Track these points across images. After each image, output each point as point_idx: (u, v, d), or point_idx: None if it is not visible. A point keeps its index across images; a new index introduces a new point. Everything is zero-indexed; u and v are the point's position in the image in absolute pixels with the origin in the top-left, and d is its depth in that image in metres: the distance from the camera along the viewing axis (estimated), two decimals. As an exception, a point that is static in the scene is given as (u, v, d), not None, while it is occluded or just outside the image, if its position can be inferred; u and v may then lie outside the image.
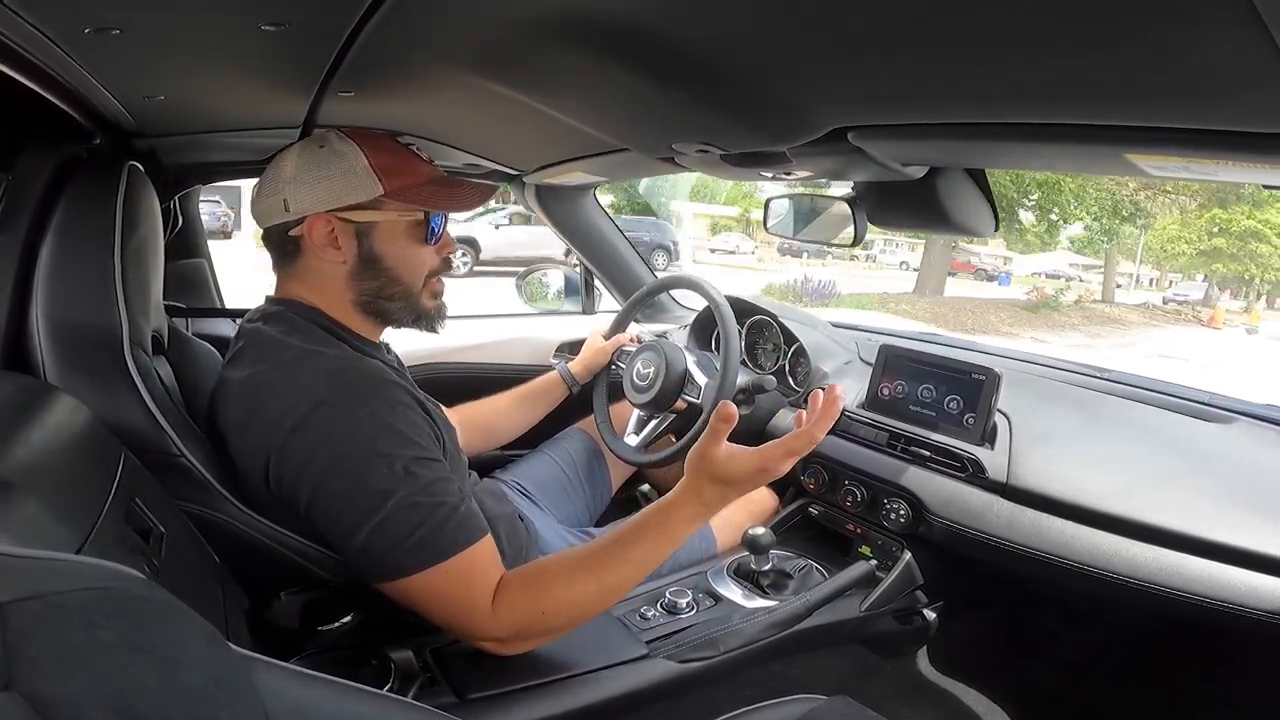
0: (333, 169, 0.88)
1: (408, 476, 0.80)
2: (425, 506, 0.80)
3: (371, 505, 0.79)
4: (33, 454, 0.61)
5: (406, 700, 0.60)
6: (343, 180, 0.88)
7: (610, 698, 0.90)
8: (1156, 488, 1.01)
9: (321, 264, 0.91)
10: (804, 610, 1.09)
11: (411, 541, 0.79)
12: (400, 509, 0.79)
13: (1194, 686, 1.22)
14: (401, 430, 0.83)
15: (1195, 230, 15.38)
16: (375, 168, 0.89)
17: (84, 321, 0.82)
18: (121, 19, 0.62)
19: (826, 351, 1.50)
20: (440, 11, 0.66)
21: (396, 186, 0.90)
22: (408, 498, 0.79)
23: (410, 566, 0.79)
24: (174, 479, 0.81)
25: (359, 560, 0.81)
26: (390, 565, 0.80)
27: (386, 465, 0.80)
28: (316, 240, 0.89)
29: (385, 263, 0.92)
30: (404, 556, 0.79)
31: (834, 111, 0.79)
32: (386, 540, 0.79)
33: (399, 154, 0.93)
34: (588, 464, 1.46)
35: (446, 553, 0.80)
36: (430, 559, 0.80)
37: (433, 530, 0.80)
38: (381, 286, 0.93)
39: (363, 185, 0.88)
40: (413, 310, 0.97)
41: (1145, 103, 0.57)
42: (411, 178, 0.92)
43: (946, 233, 1.07)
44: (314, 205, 0.89)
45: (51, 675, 0.30)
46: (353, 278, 0.92)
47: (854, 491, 1.26)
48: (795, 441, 0.84)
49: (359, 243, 0.91)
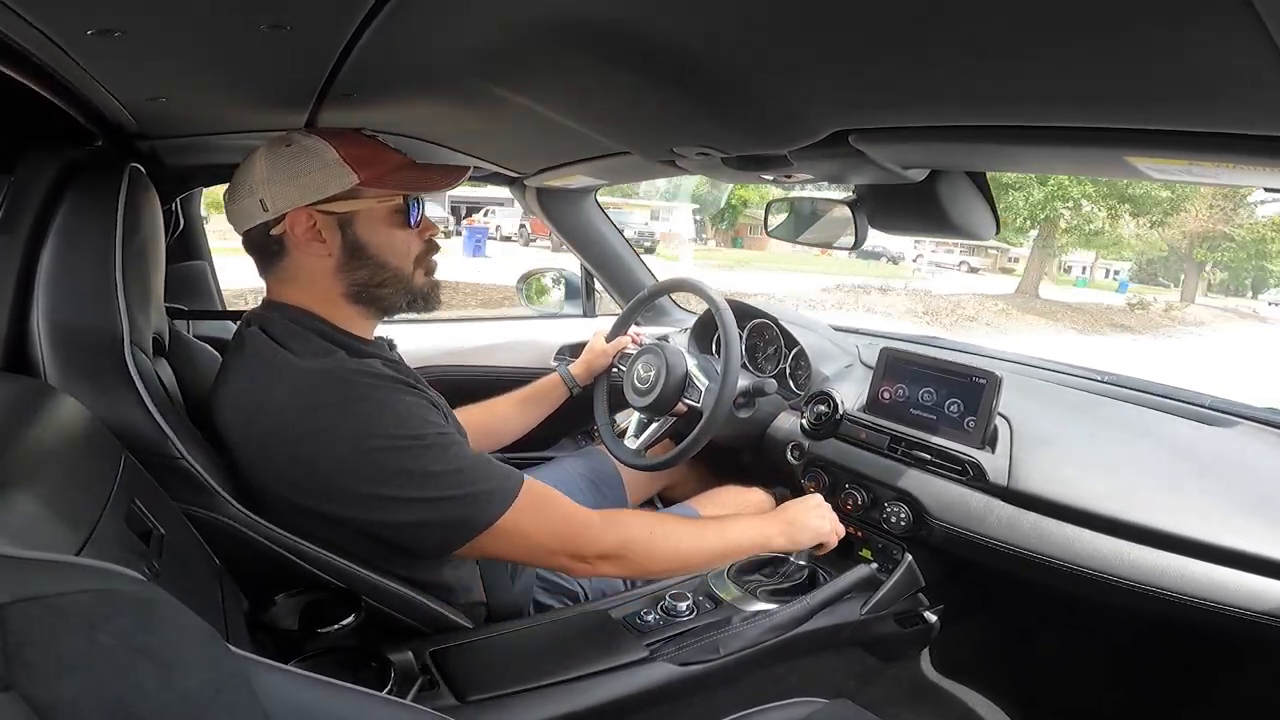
0: (306, 164, 0.89)
1: (438, 448, 0.84)
2: (468, 467, 0.85)
3: (417, 485, 0.82)
4: (33, 455, 0.61)
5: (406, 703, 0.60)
6: (318, 173, 0.89)
7: (610, 700, 0.90)
8: (1158, 491, 1.00)
9: (307, 259, 0.91)
10: (805, 613, 1.09)
11: (476, 496, 0.84)
12: (446, 476, 0.83)
13: (1195, 689, 1.21)
14: (413, 412, 0.85)
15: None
16: (347, 158, 0.89)
17: (85, 323, 0.83)
18: (123, 21, 0.62)
19: (827, 354, 1.50)
20: (441, 15, 0.66)
21: (371, 174, 0.91)
22: (448, 466, 0.84)
23: (484, 520, 0.84)
24: (174, 481, 0.81)
25: (429, 538, 0.86)
26: (463, 528, 0.84)
27: (414, 447, 0.83)
28: (300, 235, 0.90)
29: (371, 250, 0.92)
30: (477, 513, 0.84)
31: (835, 115, 0.79)
32: (452, 507, 0.84)
33: (366, 144, 0.94)
34: (599, 473, 1.45)
35: (513, 491, 0.86)
36: (504, 503, 0.85)
37: (486, 481, 0.85)
38: (371, 274, 0.93)
39: (338, 176, 0.89)
40: (407, 292, 0.97)
41: (1146, 105, 0.57)
42: (384, 165, 0.93)
43: (947, 236, 1.07)
44: (293, 201, 0.89)
45: (51, 677, 0.30)
46: (341, 269, 0.92)
47: (855, 495, 1.25)
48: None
49: (342, 233, 0.91)
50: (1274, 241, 16.19)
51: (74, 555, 0.55)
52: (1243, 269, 18.43)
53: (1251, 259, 17.27)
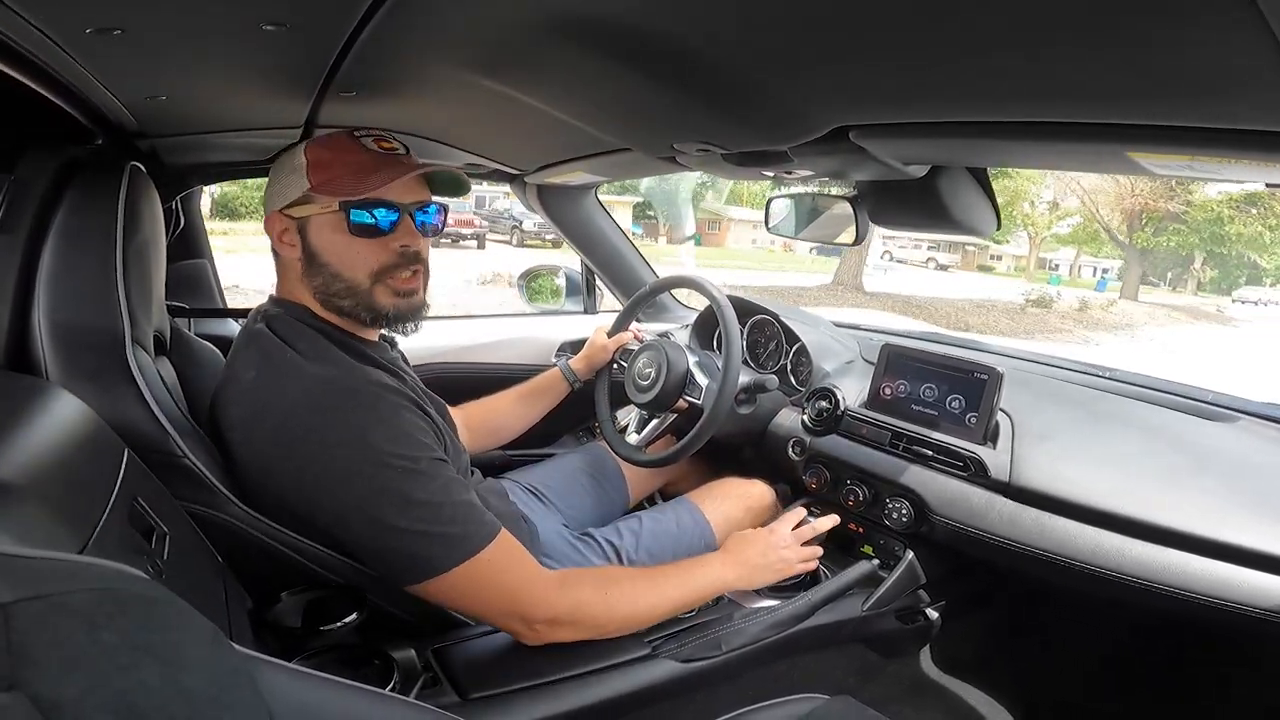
0: (281, 169, 0.92)
1: (425, 477, 0.82)
2: (448, 504, 0.83)
3: (394, 509, 0.80)
4: (35, 454, 0.61)
5: (409, 700, 0.60)
6: (286, 178, 0.91)
7: (613, 697, 0.90)
8: (1159, 487, 1.00)
9: (287, 260, 0.93)
10: (806, 610, 1.09)
11: (446, 537, 0.82)
12: (425, 508, 0.81)
13: (1197, 685, 1.21)
14: (409, 433, 0.84)
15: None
16: (310, 162, 0.89)
17: (86, 322, 0.83)
18: (123, 19, 0.62)
19: (828, 351, 1.50)
20: (441, 12, 0.66)
21: (320, 179, 0.89)
22: (430, 497, 0.82)
23: (446, 563, 0.82)
24: (176, 479, 0.82)
25: (390, 563, 0.83)
26: (425, 565, 0.82)
27: (402, 469, 0.81)
28: (275, 238, 0.93)
29: (323, 258, 0.91)
30: (441, 554, 0.82)
31: (835, 111, 0.79)
32: (419, 541, 0.81)
33: (336, 146, 0.91)
34: (601, 469, 1.46)
35: (483, 541, 0.84)
36: (468, 550, 0.82)
37: (462, 524, 0.83)
38: (326, 283, 0.91)
39: (296, 181, 0.90)
40: (368, 309, 0.92)
41: (1148, 101, 0.57)
42: (335, 169, 0.88)
43: (948, 232, 1.07)
44: (271, 205, 0.93)
45: (55, 676, 0.30)
46: (304, 275, 0.93)
47: (856, 491, 1.25)
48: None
49: (302, 239, 0.92)
50: (1232, 222, 13.91)
51: (77, 554, 0.55)
52: (1231, 266, 16.63)
53: (1206, 243, 15.10)
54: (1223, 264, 17.10)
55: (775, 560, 1.11)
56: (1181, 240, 15.07)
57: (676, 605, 0.99)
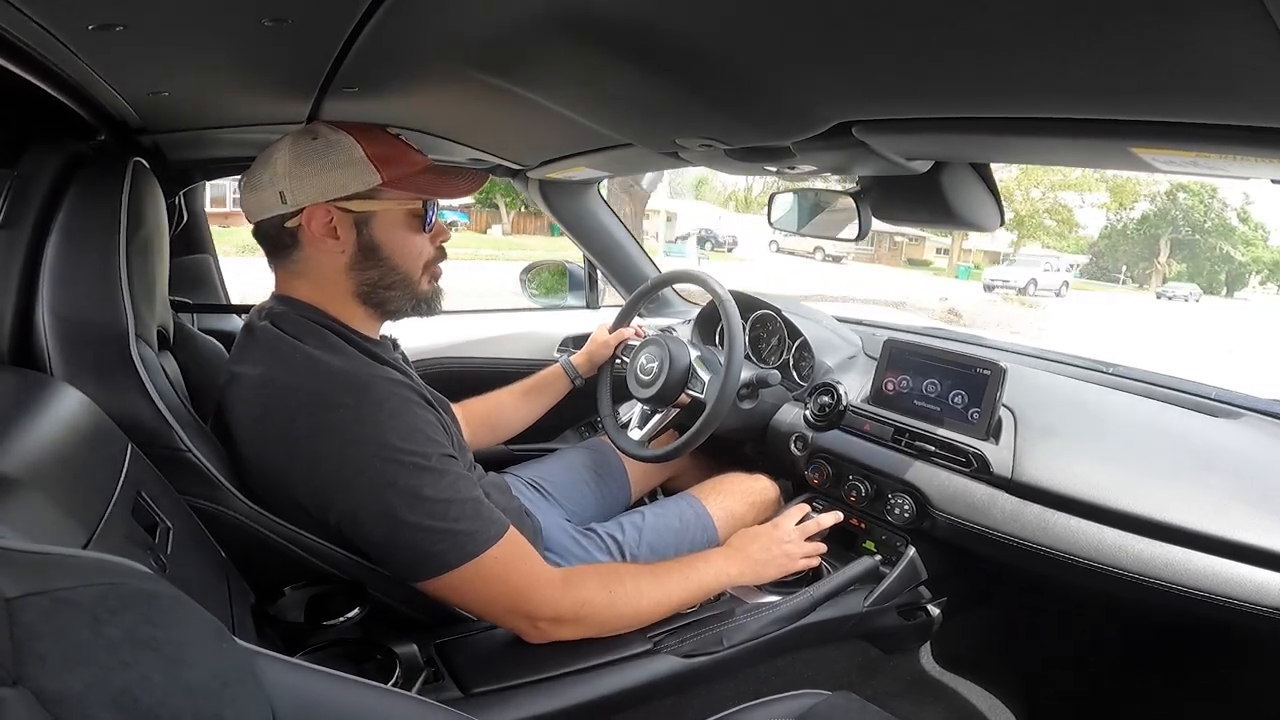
0: (331, 159, 0.88)
1: (436, 473, 0.83)
2: (457, 501, 0.83)
3: (404, 505, 0.81)
4: (39, 449, 0.61)
5: (411, 695, 0.60)
6: (343, 170, 0.88)
7: (615, 693, 0.90)
8: (1162, 483, 1.00)
9: (320, 255, 0.91)
10: (808, 605, 1.09)
11: (454, 534, 0.82)
12: (434, 505, 0.82)
13: (1199, 682, 1.21)
14: (420, 429, 0.85)
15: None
16: (372, 157, 0.89)
17: (90, 317, 0.83)
18: (125, 15, 0.62)
19: (831, 346, 1.50)
20: (443, 7, 0.66)
21: (395, 175, 0.91)
22: (439, 494, 0.82)
23: (454, 560, 0.82)
24: (180, 474, 0.82)
25: (398, 560, 0.84)
26: (433, 562, 0.82)
27: (413, 465, 0.82)
28: (315, 231, 0.89)
29: (384, 252, 0.92)
30: (450, 551, 0.82)
31: (838, 106, 0.78)
32: (428, 538, 0.82)
33: (393, 144, 0.94)
34: (603, 464, 1.46)
35: (491, 539, 0.84)
36: (476, 548, 0.83)
37: (471, 521, 0.83)
38: (381, 275, 0.93)
39: (361, 175, 0.89)
40: (411, 297, 0.97)
41: (1152, 97, 0.57)
42: (408, 167, 0.93)
43: (951, 227, 1.07)
44: (314, 196, 0.88)
45: (59, 670, 0.30)
46: (352, 268, 0.92)
47: (858, 486, 1.25)
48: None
49: (358, 232, 0.91)
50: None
51: (81, 548, 0.55)
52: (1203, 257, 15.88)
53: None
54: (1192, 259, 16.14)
55: (779, 556, 1.12)
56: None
57: (680, 602, 1.00)
